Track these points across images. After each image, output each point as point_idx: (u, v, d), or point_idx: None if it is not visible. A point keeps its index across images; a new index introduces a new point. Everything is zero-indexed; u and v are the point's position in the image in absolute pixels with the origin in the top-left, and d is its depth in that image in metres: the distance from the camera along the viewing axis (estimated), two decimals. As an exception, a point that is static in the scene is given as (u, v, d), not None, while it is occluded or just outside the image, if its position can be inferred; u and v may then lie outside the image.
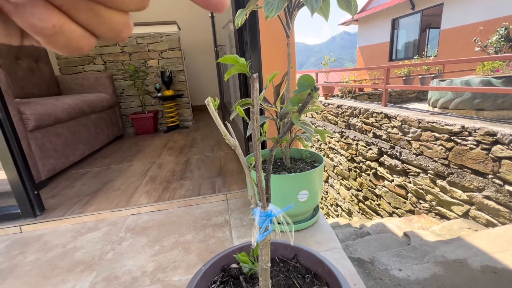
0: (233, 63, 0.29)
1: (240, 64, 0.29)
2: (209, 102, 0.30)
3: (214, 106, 0.31)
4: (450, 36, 6.99)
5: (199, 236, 1.11)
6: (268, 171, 0.38)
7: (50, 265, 1.00)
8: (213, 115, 0.31)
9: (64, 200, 1.47)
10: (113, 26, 0.15)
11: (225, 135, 0.33)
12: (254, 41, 1.26)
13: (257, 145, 0.34)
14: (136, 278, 0.90)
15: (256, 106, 0.33)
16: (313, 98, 0.34)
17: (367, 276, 1.46)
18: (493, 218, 2.18)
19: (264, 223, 0.39)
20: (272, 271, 0.60)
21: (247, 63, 0.31)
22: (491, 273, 1.40)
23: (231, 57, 0.29)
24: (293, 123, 0.34)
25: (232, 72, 0.29)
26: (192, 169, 1.82)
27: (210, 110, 0.31)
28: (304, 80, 0.33)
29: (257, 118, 0.35)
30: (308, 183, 1.02)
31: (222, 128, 0.33)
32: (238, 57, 0.29)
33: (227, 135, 0.33)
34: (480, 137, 2.15)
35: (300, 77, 0.33)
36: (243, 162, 0.36)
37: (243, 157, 0.36)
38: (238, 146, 0.35)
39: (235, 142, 0.34)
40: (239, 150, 0.35)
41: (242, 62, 0.29)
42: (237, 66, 0.29)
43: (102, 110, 2.58)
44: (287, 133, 1.12)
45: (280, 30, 1.34)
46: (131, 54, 3.13)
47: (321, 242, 1.02)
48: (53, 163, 1.76)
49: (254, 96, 0.32)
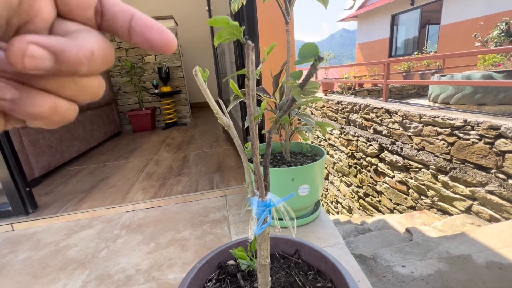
0: (223, 26, 0.25)
1: (231, 25, 0.24)
2: (197, 72, 0.26)
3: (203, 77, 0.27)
4: (450, 32, 6.93)
5: (196, 233, 1.08)
6: (266, 155, 0.34)
7: (41, 264, 0.96)
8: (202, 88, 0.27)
9: (58, 198, 1.43)
10: (92, 91, 0.17)
11: (217, 112, 0.29)
12: (252, 30, 1.21)
13: (253, 125, 0.30)
14: (130, 277, 0.86)
15: (252, 80, 0.29)
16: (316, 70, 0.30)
17: (370, 273, 1.42)
18: (496, 213, 2.15)
19: (263, 214, 0.35)
20: (272, 267, 0.56)
21: (241, 28, 0.26)
22: (496, 268, 1.37)
23: (222, 18, 0.25)
24: (295, 99, 0.30)
25: (222, 35, 0.25)
26: (190, 165, 1.78)
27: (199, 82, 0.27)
28: (306, 49, 0.29)
29: (254, 95, 0.31)
30: (309, 177, 0.98)
31: (214, 104, 0.29)
32: (229, 19, 0.25)
33: (219, 112, 0.29)
34: (483, 131, 2.11)
35: (302, 46, 0.29)
36: (237, 144, 0.32)
37: (238, 138, 0.32)
38: (232, 126, 0.31)
39: (228, 121, 0.30)
40: (233, 131, 0.31)
41: (235, 24, 0.25)
42: (228, 28, 0.25)
43: (98, 107, 2.53)
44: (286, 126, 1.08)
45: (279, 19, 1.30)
46: (127, 50, 3.08)
47: (322, 238, 0.98)
48: (47, 160, 1.71)
49: (249, 68, 0.28)
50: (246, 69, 0.27)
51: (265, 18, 1.22)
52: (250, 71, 0.28)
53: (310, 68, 0.30)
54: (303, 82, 0.31)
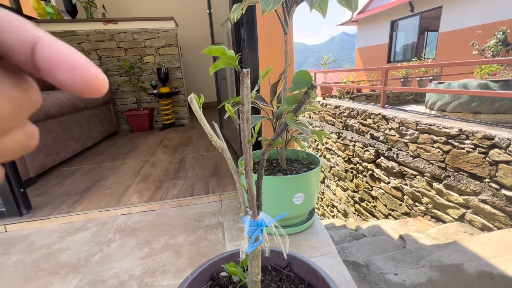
0: (219, 56, 0.25)
1: (227, 56, 0.25)
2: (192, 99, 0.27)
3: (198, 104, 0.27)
4: (448, 39, 7.00)
5: (191, 238, 1.08)
6: (260, 177, 0.35)
7: (33, 267, 0.96)
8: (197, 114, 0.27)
9: (53, 199, 1.42)
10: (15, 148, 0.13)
11: (211, 137, 0.29)
12: (252, 38, 1.22)
13: (247, 148, 0.31)
14: (123, 282, 0.86)
15: (246, 105, 0.30)
16: (309, 98, 0.30)
17: (362, 280, 1.43)
18: (489, 222, 2.17)
19: (254, 233, 0.36)
20: (263, 280, 0.56)
21: (236, 56, 0.27)
22: (487, 278, 1.39)
23: (218, 48, 0.26)
24: (287, 124, 0.31)
25: (218, 65, 0.26)
26: (186, 168, 1.78)
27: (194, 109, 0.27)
28: (300, 76, 0.29)
29: (248, 118, 0.31)
30: (304, 186, 0.99)
31: (208, 129, 0.29)
32: (226, 49, 0.26)
33: (214, 136, 0.30)
34: (477, 140, 2.14)
35: (296, 73, 0.30)
36: (231, 166, 0.33)
37: (231, 160, 0.32)
38: (226, 149, 0.31)
39: (222, 144, 0.31)
40: (226, 153, 0.32)
41: (230, 54, 0.26)
42: (224, 59, 0.25)
43: (95, 106, 2.52)
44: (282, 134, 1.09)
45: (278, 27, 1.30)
46: (127, 49, 3.07)
47: (316, 247, 0.99)
48: (42, 160, 1.70)
49: (244, 93, 0.28)
50: (241, 95, 0.28)
51: (264, 26, 1.23)
52: (244, 96, 0.28)
53: (304, 96, 0.31)
54: (296, 108, 0.32)
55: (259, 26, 1.19)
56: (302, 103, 0.31)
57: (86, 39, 2.94)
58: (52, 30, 2.82)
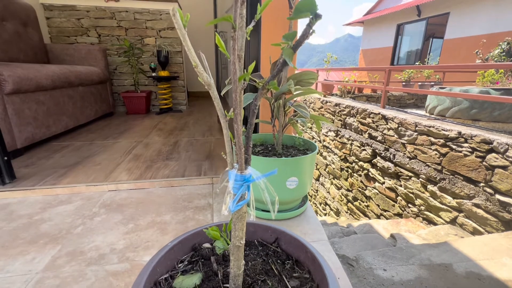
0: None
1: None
2: (175, 12, 0.23)
3: (183, 21, 0.23)
4: (452, 46, 6.98)
5: (178, 218, 1.04)
6: (250, 126, 0.31)
7: (11, 235, 0.92)
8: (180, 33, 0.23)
9: (39, 171, 1.38)
10: None
11: (196, 66, 0.25)
12: (255, 16, 1.17)
13: (237, 86, 0.27)
14: (103, 255, 0.83)
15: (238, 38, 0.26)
16: (312, 30, 0.27)
17: (351, 274, 1.42)
18: (480, 226, 2.17)
19: (240, 189, 0.32)
20: (249, 254, 0.53)
21: None
22: (475, 279, 1.38)
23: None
24: (286, 61, 0.27)
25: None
26: (180, 151, 1.74)
27: (177, 26, 0.23)
28: (302, 4, 0.25)
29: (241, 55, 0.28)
30: (298, 170, 0.96)
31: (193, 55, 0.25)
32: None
33: (199, 66, 0.26)
34: (476, 144, 2.12)
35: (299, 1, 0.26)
36: (218, 108, 0.29)
37: (219, 100, 0.29)
38: (213, 85, 0.27)
39: (209, 79, 0.27)
40: (214, 91, 0.28)
41: None
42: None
43: (91, 84, 2.46)
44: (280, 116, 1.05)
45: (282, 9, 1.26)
46: (127, 29, 2.99)
47: (307, 233, 0.96)
48: (31, 132, 1.65)
49: (236, 14, 0.24)
50: (233, 15, 0.24)
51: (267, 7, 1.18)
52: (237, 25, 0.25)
53: (306, 28, 0.27)
54: (297, 43, 0.28)
55: (264, 3, 1.14)
56: (304, 37, 0.27)
57: (86, 15, 2.85)
58: (51, 3, 2.73)
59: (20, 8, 2.16)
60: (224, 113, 0.29)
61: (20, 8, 2.16)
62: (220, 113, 0.29)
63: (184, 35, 0.24)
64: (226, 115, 0.29)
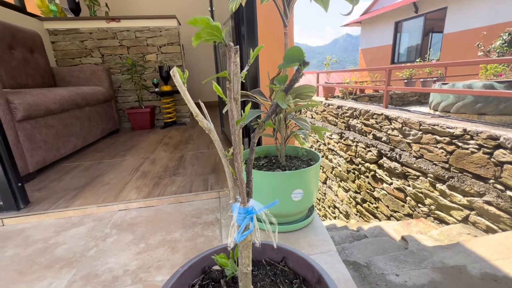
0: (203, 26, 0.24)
1: (211, 26, 0.23)
2: (174, 73, 0.25)
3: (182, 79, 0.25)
4: (453, 41, 6.94)
5: (188, 235, 1.06)
6: (250, 161, 0.33)
7: (28, 261, 0.95)
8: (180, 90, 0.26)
9: (51, 194, 1.42)
10: None
11: (197, 115, 0.28)
12: (252, 34, 1.21)
13: (235, 129, 0.29)
14: (117, 277, 0.85)
15: (234, 83, 0.28)
16: (301, 74, 0.29)
17: (363, 281, 1.41)
18: (493, 224, 2.13)
19: (244, 221, 0.34)
20: (257, 274, 0.54)
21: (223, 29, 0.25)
22: (491, 280, 1.35)
23: (202, 18, 0.24)
24: (278, 104, 0.29)
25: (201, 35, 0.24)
26: (186, 166, 1.77)
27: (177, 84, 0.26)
28: (291, 53, 0.28)
29: (237, 99, 0.30)
30: (303, 182, 0.97)
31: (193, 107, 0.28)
32: (210, 19, 0.24)
33: (199, 115, 0.28)
34: (482, 140, 2.10)
35: (288, 50, 0.28)
36: (219, 149, 0.31)
37: (219, 142, 0.31)
38: (213, 130, 0.30)
39: (209, 124, 0.29)
40: (214, 135, 0.30)
41: (216, 25, 0.24)
42: (208, 29, 0.24)
43: (97, 104, 2.52)
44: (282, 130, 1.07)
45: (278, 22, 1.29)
46: (129, 47, 3.08)
47: (314, 245, 0.97)
48: (42, 155, 1.70)
49: (231, 69, 0.27)
50: (228, 71, 0.26)
51: (264, 19, 1.22)
52: (232, 73, 0.27)
53: (295, 73, 0.29)
54: (287, 86, 0.30)
55: (259, 19, 1.17)
56: (294, 81, 0.29)
57: (89, 37, 2.95)
58: (55, 28, 2.83)
59: (27, 35, 2.25)
60: (225, 153, 0.31)
61: (27, 35, 2.25)
62: (221, 153, 0.32)
63: (184, 91, 0.26)
64: (226, 155, 0.31)
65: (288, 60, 0.28)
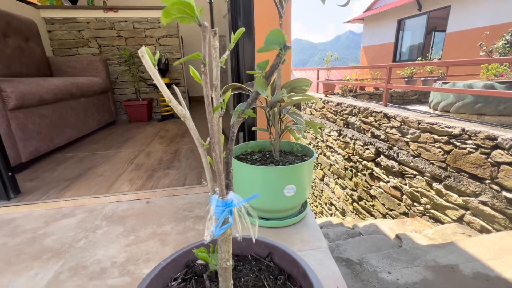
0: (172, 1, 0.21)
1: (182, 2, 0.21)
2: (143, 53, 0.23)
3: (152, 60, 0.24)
4: (455, 40, 6.88)
5: (179, 228, 1.05)
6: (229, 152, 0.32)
7: (16, 251, 0.94)
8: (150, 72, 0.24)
9: (43, 184, 1.40)
10: None
11: (169, 101, 0.26)
12: (248, 22, 1.18)
13: (212, 117, 0.28)
14: (105, 269, 0.84)
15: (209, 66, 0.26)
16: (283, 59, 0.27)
17: (355, 278, 1.41)
18: (488, 224, 2.13)
19: (222, 214, 0.33)
20: (242, 269, 0.53)
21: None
22: (483, 280, 1.35)
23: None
24: (258, 92, 0.28)
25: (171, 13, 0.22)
26: (180, 159, 1.75)
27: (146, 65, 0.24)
28: (272, 36, 0.26)
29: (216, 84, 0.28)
30: (296, 177, 0.96)
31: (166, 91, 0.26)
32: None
33: (172, 101, 0.26)
34: (480, 140, 2.09)
35: (269, 33, 0.26)
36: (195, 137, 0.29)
37: (196, 131, 0.29)
38: (189, 117, 0.28)
39: (184, 111, 0.27)
40: (190, 123, 0.28)
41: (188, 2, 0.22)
42: (179, 6, 0.22)
43: (93, 95, 2.49)
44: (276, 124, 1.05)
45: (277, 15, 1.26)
46: (127, 38, 3.03)
47: (306, 241, 0.96)
48: (35, 146, 1.68)
49: (205, 51, 0.25)
50: (202, 53, 0.24)
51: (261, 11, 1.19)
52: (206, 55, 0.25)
53: (276, 58, 0.27)
54: (268, 73, 0.28)
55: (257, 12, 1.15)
56: (275, 67, 0.27)
57: (86, 26, 2.90)
58: (52, 17, 2.79)
59: (22, 23, 2.21)
60: (202, 142, 0.30)
61: (22, 23, 2.21)
62: (197, 142, 0.30)
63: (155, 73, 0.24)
64: (203, 144, 0.30)
65: (268, 43, 0.26)
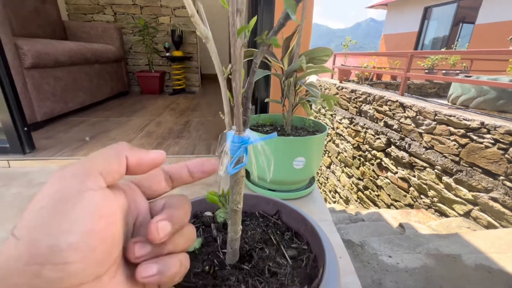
0: None
1: None
2: None
3: None
4: (484, 32, 6.49)
5: (186, 192, 1.07)
6: (250, 85, 0.30)
7: (30, 200, 0.97)
8: None
9: (57, 143, 1.44)
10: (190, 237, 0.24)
11: (192, 16, 0.24)
12: None
13: (235, 40, 0.26)
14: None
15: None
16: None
17: (355, 258, 1.42)
18: (495, 220, 2.09)
19: (237, 152, 0.32)
20: (249, 224, 0.53)
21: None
22: (484, 272, 1.35)
23: None
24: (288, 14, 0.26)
25: None
26: (190, 130, 1.76)
27: None
28: None
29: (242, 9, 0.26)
30: (305, 150, 0.95)
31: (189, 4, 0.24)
32: None
33: (195, 16, 0.25)
34: (499, 135, 2.01)
35: None
36: (216, 62, 0.28)
37: (217, 55, 0.28)
38: (211, 39, 0.26)
39: (206, 31, 0.26)
40: (211, 44, 0.27)
41: None
42: None
43: (107, 62, 2.49)
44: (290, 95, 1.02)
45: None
46: (142, 7, 2.98)
47: (312, 213, 0.96)
48: (50, 107, 1.71)
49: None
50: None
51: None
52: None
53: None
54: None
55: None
56: None
57: (102, -8, 2.85)
58: (68, -21, 2.74)
59: (38, -16, 2.18)
60: (222, 69, 0.28)
61: (38, -16, 2.18)
62: (218, 69, 0.29)
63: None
64: (223, 72, 0.28)
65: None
